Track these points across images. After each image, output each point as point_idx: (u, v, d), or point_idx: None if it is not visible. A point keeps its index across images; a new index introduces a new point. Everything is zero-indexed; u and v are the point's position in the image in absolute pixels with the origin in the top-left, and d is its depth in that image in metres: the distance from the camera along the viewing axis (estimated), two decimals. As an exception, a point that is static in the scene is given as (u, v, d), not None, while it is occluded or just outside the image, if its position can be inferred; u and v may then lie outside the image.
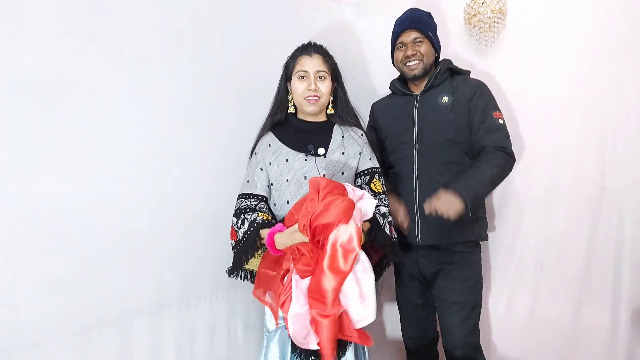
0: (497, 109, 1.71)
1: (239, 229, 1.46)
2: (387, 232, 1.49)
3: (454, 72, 1.81)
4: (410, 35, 1.74)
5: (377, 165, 1.61)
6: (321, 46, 1.58)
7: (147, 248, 1.46)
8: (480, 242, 1.80)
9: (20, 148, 1.17)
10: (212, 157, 1.66)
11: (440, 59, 1.85)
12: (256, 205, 1.51)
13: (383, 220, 1.49)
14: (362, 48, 2.33)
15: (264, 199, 1.53)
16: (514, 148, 1.69)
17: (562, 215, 1.89)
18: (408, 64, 1.76)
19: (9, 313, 1.15)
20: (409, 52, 1.74)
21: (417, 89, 1.82)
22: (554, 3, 1.88)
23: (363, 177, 1.57)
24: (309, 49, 1.55)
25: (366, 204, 1.31)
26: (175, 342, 1.56)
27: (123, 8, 1.37)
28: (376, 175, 1.58)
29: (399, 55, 1.79)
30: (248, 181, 1.55)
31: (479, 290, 1.75)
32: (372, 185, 1.56)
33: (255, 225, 1.42)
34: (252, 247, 1.43)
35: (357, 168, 1.57)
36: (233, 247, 1.49)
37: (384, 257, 1.64)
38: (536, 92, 1.93)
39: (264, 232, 1.40)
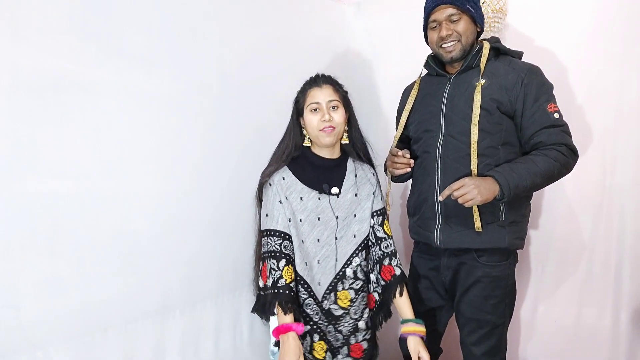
0: (551, 100, 1.45)
1: (268, 277, 1.46)
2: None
3: (500, 52, 1.55)
4: (444, 12, 1.47)
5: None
6: (330, 76, 1.56)
7: (150, 249, 1.45)
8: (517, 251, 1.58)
9: (22, 148, 1.16)
10: (215, 156, 1.65)
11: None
12: (280, 244, 1.47)
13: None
14: (362, 48, 2.32)
15: (287, 237, 1.48)
16: None
17: (563, 216, 1.89)
18: (444, 45, 1.50)
19: (10, 315, 1.14)
20: (444, 33, 1.47)
21: (454, 70, 1.58)
22: (554, 3, 1.87)
23: (376, 217, 1.59)
24: (317, 80, 1.52)
25: None
26: (179, 344, 1.55)
27: (123, 7, 1.36)
28: (386, 216, 1.63)
29: (433, 36, 1.53)
30: (267, 215, 1.50)
31: (505, 308, 1.53)
32: (384, 227, 1.60)
33: (277, 296, 1.42)
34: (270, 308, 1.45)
35: (372, 208, 1.59)
36: (261, 290, 1.48)
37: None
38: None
39: (279, 311, 1.42)
